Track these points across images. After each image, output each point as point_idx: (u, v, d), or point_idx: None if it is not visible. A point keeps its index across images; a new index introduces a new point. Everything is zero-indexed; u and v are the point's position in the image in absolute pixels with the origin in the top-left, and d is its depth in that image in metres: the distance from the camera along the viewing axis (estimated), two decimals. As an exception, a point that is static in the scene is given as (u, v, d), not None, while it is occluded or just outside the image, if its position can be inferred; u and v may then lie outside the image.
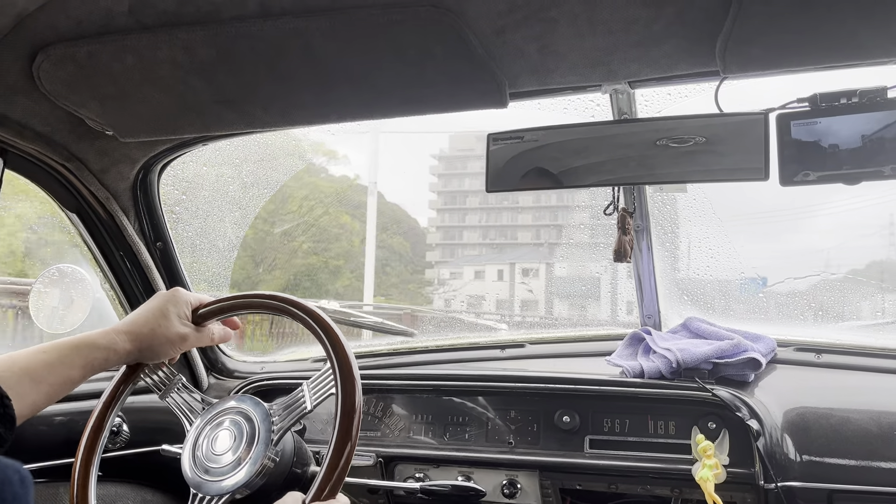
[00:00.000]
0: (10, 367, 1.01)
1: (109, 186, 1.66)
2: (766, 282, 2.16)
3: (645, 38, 1.12)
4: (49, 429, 1.60)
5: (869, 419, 1.41)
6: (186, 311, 1.24)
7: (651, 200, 1.84)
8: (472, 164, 32.87)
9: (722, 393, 1.46)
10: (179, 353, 1.26)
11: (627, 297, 5.03)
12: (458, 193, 34.00)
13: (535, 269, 27.41)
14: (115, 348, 1.13)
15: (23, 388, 1.00)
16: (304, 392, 1.19)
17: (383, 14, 1.06)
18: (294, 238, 13.10)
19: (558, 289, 24.04)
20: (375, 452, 1.67)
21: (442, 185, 34.77)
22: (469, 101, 1.31)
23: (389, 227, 25.62)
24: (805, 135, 1.17)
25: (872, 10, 0.99)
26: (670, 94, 1.51)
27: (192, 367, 1.97)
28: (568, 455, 1.56)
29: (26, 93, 1.30)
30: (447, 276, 29.82)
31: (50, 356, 1.06)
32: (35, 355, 1.05)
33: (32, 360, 1.04)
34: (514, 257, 29.86)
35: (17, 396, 0.95)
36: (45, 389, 1.04)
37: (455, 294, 27.70)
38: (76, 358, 1.08)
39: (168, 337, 1.20)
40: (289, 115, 1.37)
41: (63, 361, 1.07)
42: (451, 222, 34.09)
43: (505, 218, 32.23)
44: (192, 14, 1.09)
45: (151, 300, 1.23)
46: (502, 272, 27.93)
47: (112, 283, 1.79)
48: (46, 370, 1.05)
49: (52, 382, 1.05)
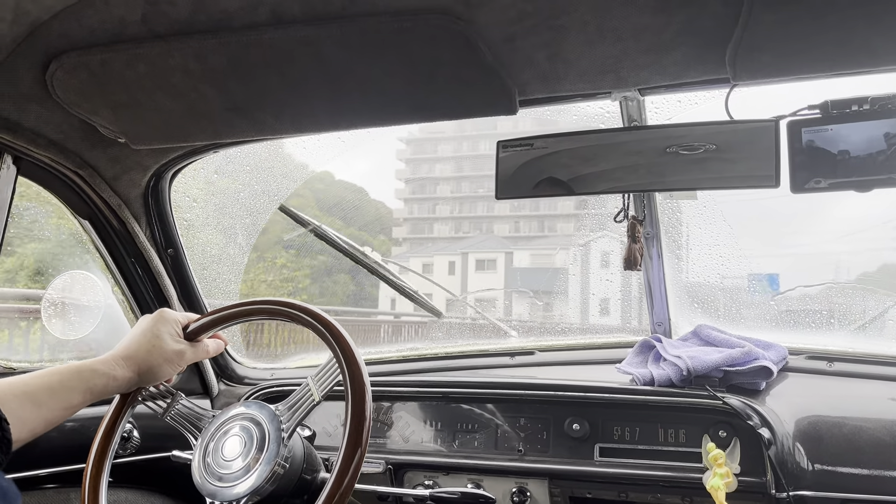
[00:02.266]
0: (12, 390, 1.01)
1: (121, 193, 1.67)
2: (777, 280, 2.13)
3: (655, 46, 1.12)
4: (60, 435, 1.61)
5: (882, 428, 1.40)
6: (177, 329, 1.25)
7: (661, 208, 1.84)
8: (444, 147, 30.27)
9: (733, 401, 1.45)
10: (178, 371, 1.27)
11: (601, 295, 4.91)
12: (428, 181, 31.26)
13: (493, 261, 25.28)
14: (115, 375, 1.14)
15: (24, 412, 1.00)
16: (310, 385, 1.19)
17: (394, 22, 1.06)
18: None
19: (523, 282, 21.91)
20: (385, 459, 1.67)
21: (410, 172, 32.07)
22: (479, 109, 1.31)
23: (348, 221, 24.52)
24: (816, 142, 1.16)
25: (883, 17, 0.98)
26: (680, 102, 1.51)
27: (202, 374, 1.97)
28: (578, 463, 1.55)
29: (40, 101, 1.31)
30: (395, 270, 28.66)
31: (51, 381, 1.07)
32: (36, 379, 1.06)
33: (33, 385, 1.04)
34: (466, 246, 27.27)
35: (16, 420, 0.96)
36: (44, 414, 1.04)
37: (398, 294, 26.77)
38: (77, 383, 1.09)
39: (165, 357, 1.21)
40: (299, 122, 1.38)
41: (64, 386, 1.07)
42: (420, 213, 31.29)
43: (480, 208, 30.02)
44: (203, 22, 1.10)
45: (140, 323, 1.24)
46: (454, 264, 25.68)
47: (123, 289, 1.80)
48: (48, 395, 1.05)
49: (52, 407, 1.05)
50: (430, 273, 25.49)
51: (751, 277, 1.81)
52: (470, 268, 25.19)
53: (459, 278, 24.96)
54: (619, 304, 4.87)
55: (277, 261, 9.47)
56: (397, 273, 2.10)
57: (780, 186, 1.19)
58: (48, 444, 1.58)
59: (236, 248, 2.30)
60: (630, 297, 4.42)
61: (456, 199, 30.71)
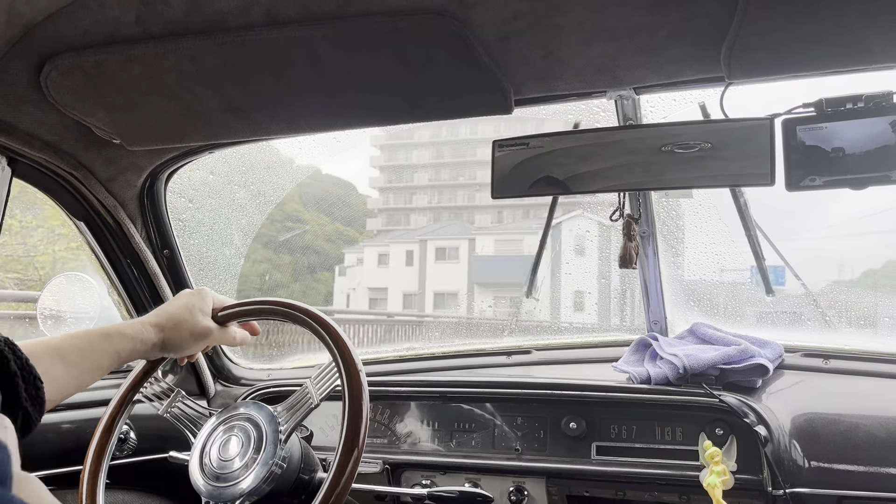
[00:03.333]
0: (44, 349, 1.01)
1: (117, 194, 1.67)
2: (783, 274, 2.11)
3: (650, 45, 1.12)
4: (57, 436, 1.61)
5: (878, 425, 1.40)
6: (209, 308, 1.25)
7: (657, 206, 1.84)
8: (421, 132, 27.81)
9: (729, 399, 1.45)
10: (201, 349, 1.27)
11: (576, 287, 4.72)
12: (405, 168, 28.71)
13: (455, 248, 22.28)
14: (143, 338, 1.14)
15: (55, 372, 1.00)
16: (309, 388, 1.20)
17: (388, 22, 1.06)
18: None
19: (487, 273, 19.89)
20: (382, 459, 1.67)
21: (386, 159, 29.95)
22: (474, 108, 1.31)
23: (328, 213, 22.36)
24: (811, 140, 1.16)
25: (878, 15, 0.99)
26: (675, 100, 1.51)
27: (198, 374, 1.97)
28: (575, 461, 1.55)
29: (34, 102, 1.30)
30: (354, 262, 24.10)
31: (81, 342, 1.06)
32: (67, 340, 1.06)
33: (64, 345, 1.04)
34: (425, 233, 24.55)
35: (49, 380, 0.96)
36: (75, 374, 1.04)
37: (355, 288, 22.82)
38: (106, 346, 1.09)
39: (193, 332, 1.20)
40: (295, 122, 1.38)
41: (94, 348, 1.07)
42: (396, 203, 28.59)
43: (461, 197, 27.60)
44: (198, 23, 1.10)
45: (179, 296, 1.24)
46: (412, 254, 23.04)
47: (119, 290, 1.80)
48: (78, 355, 1.05)
49: (83, 368, 1.05)
50: (385, 265, 23.08)
51: (754, 270, 1.79)
52: (429, 257, 22.67)
53: (417, 270, 22.55)
54: (596, 299, 4.62)
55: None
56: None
57: (775, 184, 1.19)
58: (45, 445, 1.58)
59: (232, 249, 2.30)
60: (608, 290, 4.14)
61: (434, 187, 28.57)
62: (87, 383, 1.07)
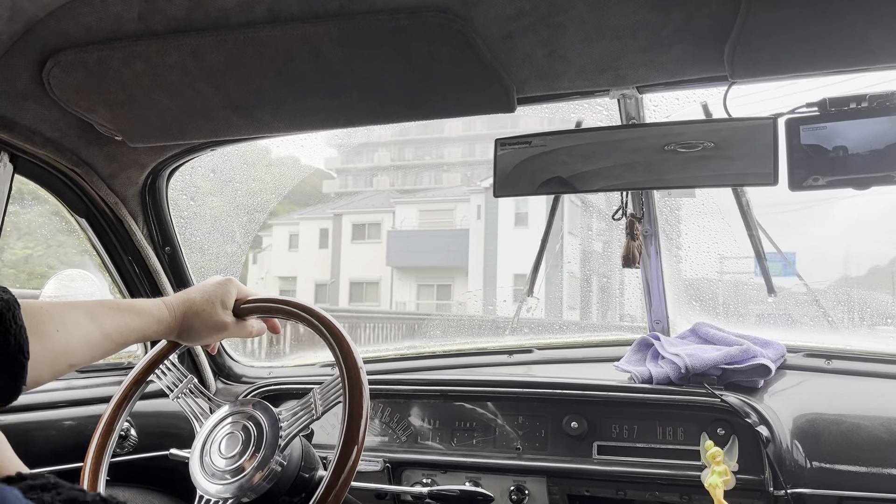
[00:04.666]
0: (85, 313, 1.00)
1: (118, 191, 1.67)
2: (794, 261, 2.08)
3: (653, 44, 1.12)
4: (58, 433, 1.61)
5: (880, 426, 1.40)
6: (231, 302, 1.23)
7: (659, 205, 1.84)
8: None
9: (731, 399, 1.45)
10: (217, 341, 1.26)
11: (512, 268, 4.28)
12: (365, 147, 25.07)
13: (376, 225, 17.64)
14: (160, 318, 1.13)
15: (93, 337, 0.99)
16: (315, 398, 1.20)
17: (391, 19, 1.06)
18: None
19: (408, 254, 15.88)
20: (383, 458, 1.67)
21: (344, 136, 28.19)
22: (477, 106, 1.31)
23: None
24: (814, 139, 1.16)
25: (881, 15, 0.98)
26: (678, 99, 1.51)
27: (199, 371, 1.97)
28: (576, 461, 1.55)
29: (36, 98, 1.30)
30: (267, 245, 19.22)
31: (115, 313, 1.06)
32: (103, 308, 1.05)
33: (100, 312, 1.04)
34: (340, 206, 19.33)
35: (86, 343, 0.96)
36: (107, 343, 1.03)
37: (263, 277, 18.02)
38: (136, 321, 1.08)
39: (209, 324, 1.19)
40: (297, 120, 1.38)
41: (125, 322, 1.06)
42: (355, 186, 25.05)
43: (427, 179, 24.20)
44: (201, 20, 1.10)
45: (205, 284, 1.22)
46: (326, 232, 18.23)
47: (120, 287, 1.80)
48: (112, 325, 1.04)
49: (113, 338, 1.04)
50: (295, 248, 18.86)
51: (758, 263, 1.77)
52: (345, 237, 18.25)
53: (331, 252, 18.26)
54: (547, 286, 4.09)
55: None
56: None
57: (778, 184, 1.19)
58: (46, 442, 1.58)
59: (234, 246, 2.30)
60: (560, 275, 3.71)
61: (398, 168, 25.16)
62: (115, 351, 1.06)
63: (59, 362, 0.96)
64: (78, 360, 0.98)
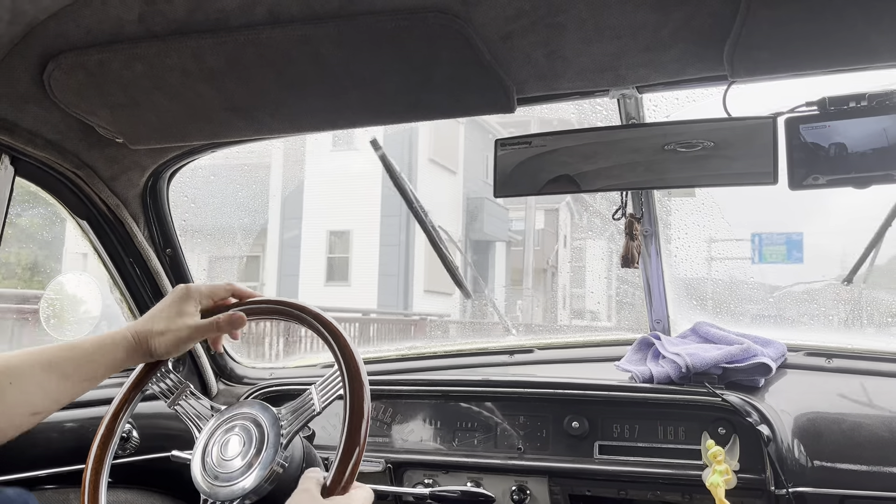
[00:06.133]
0: (38, 361, 1.03)
1: (119, 193, 1.67)
2: (801, 245, 2.06)
3: (653, 43, 1.12)
4: (59, 435, 1.61)
5: (881, 424, 1.40)
6: (197, 305, 1.22)
7: (659, 205, 1.84)
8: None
9: (732, 398, 1.45)
10: (190, 347, 1.25)
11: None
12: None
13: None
14: (134, 347, 1.15)
15: (50, 385, 1.02)
16: (313, 395, 1.20)
17: (391, 20, 1.06)
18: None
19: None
20: (384, 458, 1.67)
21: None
22: (476, 107, 1.31)
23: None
24: (814, 138, 1.16)
25: (882, 14, 0.98)
26: (678, 99, 1.51)
27: (201, 373, 1.97)
28: (577, 461, 1.55)
29: (37, 101, 1.30)
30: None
31: (76, 353, 1.08)
32: (61, 352, 1.07)
33: (59, 356, 1.06)
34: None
35: (42, 392, 0.97)
36: (69, 386, 1.06)
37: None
38: (100, 357, 1.11)
39: (177, 337, 1.19)
40: (297, 121, 1.38)
41: (89, 360, 1.09)
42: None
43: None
44: (201, 22, 1.10)
45: (163, 300, 1.22)
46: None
47: (122, 289, 1.80)
48: (73, 367, 1.07)
49: (77, 380, 1.07)
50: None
51: (756, 240, 1.76)
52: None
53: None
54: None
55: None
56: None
57: (778, 183, 1.19)
58: (47, 444, 1.58)
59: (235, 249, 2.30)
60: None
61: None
62: (81, 393, 1.09)
63: (17, 413, 0.99)
64: (40, 407, 1.01)
